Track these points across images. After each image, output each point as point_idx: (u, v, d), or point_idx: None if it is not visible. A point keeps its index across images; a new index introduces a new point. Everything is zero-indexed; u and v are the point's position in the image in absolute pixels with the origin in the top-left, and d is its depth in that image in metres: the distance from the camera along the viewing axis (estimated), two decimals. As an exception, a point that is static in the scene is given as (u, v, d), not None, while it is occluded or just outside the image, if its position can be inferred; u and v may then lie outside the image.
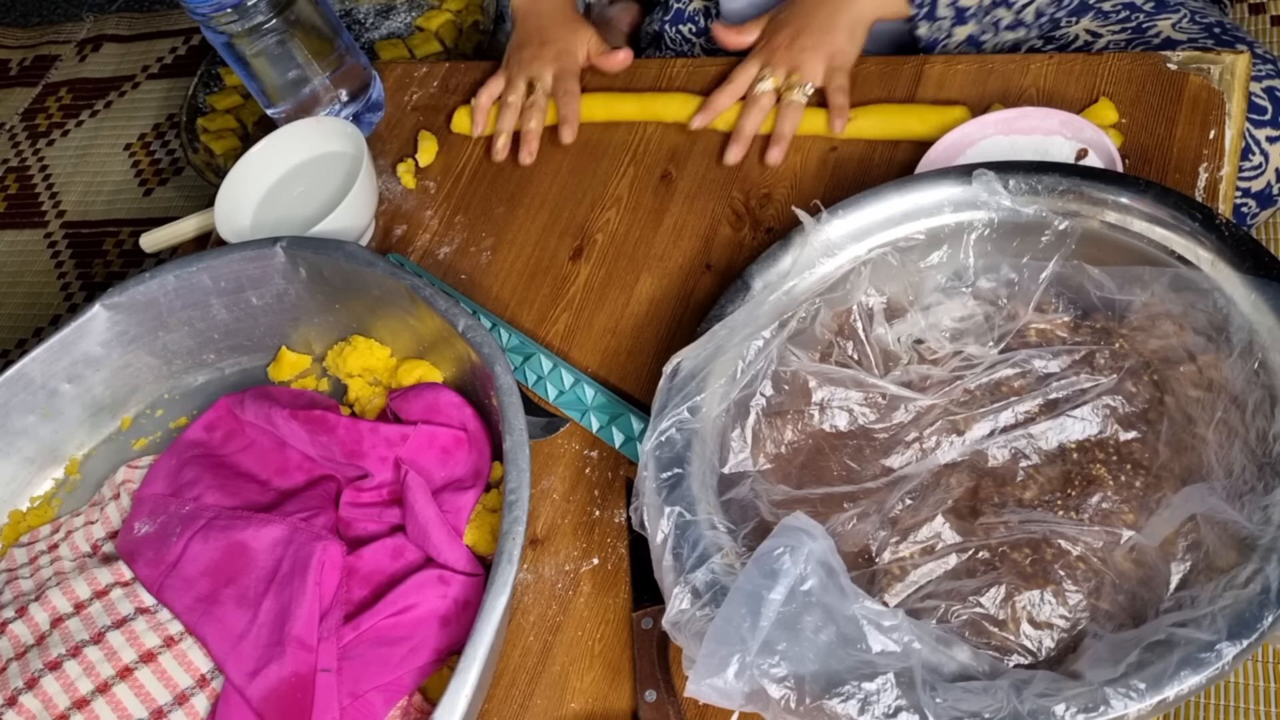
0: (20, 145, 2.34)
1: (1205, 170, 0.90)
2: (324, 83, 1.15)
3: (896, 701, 0.62)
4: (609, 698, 0.80)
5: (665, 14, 1.39)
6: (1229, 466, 0.69)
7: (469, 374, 0.89)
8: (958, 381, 0.79)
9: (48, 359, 0.97)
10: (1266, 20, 1.71)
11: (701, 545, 0.71)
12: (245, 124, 1.84)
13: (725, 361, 0.80)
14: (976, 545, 0.72)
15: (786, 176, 1.02)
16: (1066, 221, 0.79)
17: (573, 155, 1.11)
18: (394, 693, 0.78)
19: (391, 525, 0.87)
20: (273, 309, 1.00)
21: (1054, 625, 0.69)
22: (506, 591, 0.72)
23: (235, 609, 0.82)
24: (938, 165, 0.92)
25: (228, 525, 0.86)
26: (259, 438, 0.95)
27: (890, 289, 0.83)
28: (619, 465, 0.90)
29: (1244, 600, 0.62)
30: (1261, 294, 0.71)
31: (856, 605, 0.65)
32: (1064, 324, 0.79)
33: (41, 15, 2.61)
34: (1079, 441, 0.75)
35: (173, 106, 2.24)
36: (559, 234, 1.06)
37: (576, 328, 0.99)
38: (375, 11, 1.87)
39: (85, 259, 2.10)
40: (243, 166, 1.12)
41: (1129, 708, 0.60)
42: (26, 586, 0.90)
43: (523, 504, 0.76)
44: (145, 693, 0.80)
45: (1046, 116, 0.91)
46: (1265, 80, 1.02)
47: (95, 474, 1.00)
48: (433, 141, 1.17)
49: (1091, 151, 0.89)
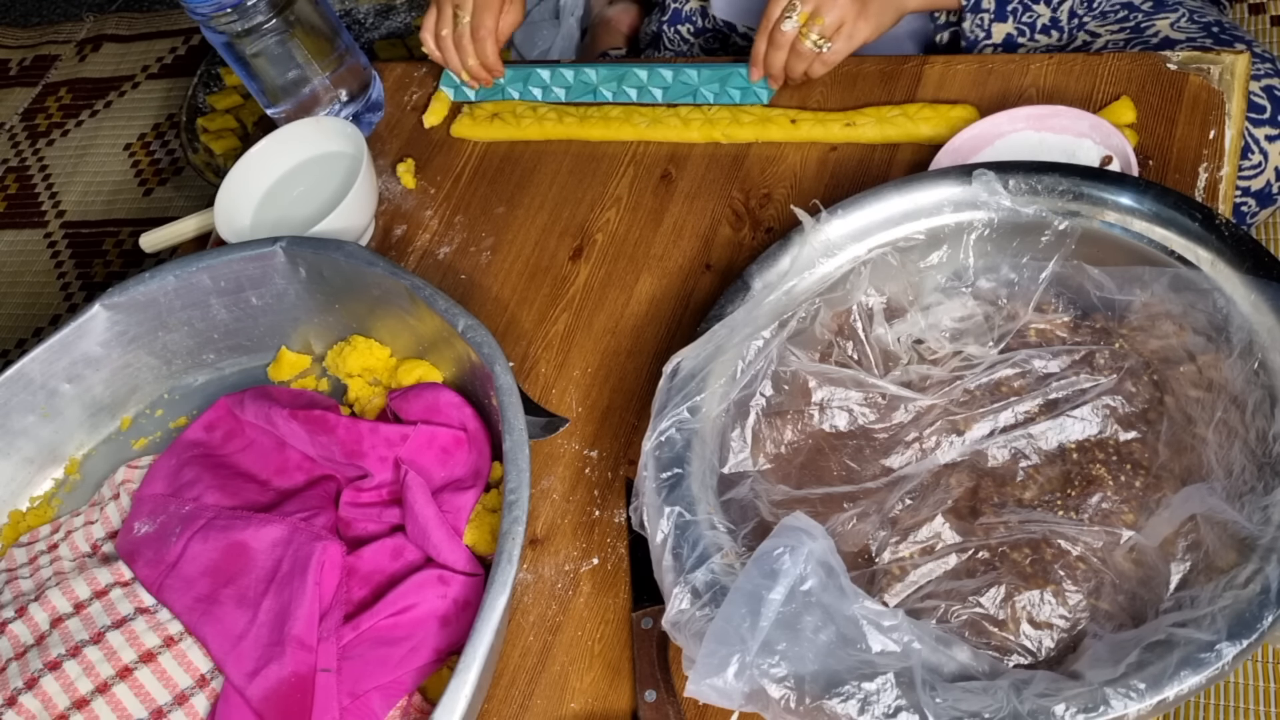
0: (20, 145, 2.34)
1: (1205, 170, 0.90)
2: (324, 83, 1.15)
3: (896, 701, 0.62)
4: (609, 698, 0.80)
5: (663, 15, 1.39)
6: (1229, 466, 0.69)
7: (469, 374, 0.89)
8: (958, 381, 0.79)
9: (48, 359, 0.97)
10: (1266, 20, 1.71)
11: (701, 545, 0.71)
12: (245, 124, 1.84)
13: (725, 361, 0.80)
14: (976, 545, 0.72)
15: (786, 177, 1.02)
16: (1066, 221, 0.79)
17: (572, 155, 1.11)
18: (394, 693, 0.78)
19: (391, 525, 0.87)
20: (273, 309, 1.00)
21: (1054, 625, 0.69)
22: (506, 591, 0.72)
23: (235, 609, 0.82)
24: (962, 155, 0.92)
25: (227, 525, 0.86)
26: (259, 438, 0.95)
27: (890, 289, 0.83)
28: (619, 465, 0.90)
29: (1244, 600, 0.62)
30: (1261, 294, 0.71)
31: (856, 605, 0.65)
32: (1064, 324, 0.79)
33: (41, 15, 2.61)
34: (1079, 441, 0.75)
35: (173, 106, 2.24)
36: (559, 234, 1.06)
37: (576, 328, 0.99)
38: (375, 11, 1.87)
39: (85, 259, 2.10)
40: (243, 166, 1.12)
41: (1129, 708, 0.60)
42: (26, 586, 0.90)
43: (523, 504, 0.76)
44: (145, 693, 0.80)
45: (1078, 118, 0.90)
46: (1264, 79, 1.02)
47: (95, 474, 1.00)
48: (444, 103, 1.18)
49: (1115, 159, 0.89)
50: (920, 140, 0.99)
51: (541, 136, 1.13)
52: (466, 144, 1.16)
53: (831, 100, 1.06)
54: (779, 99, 1.07)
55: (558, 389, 0.96)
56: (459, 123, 1.16)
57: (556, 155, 1.12)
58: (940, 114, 0.99)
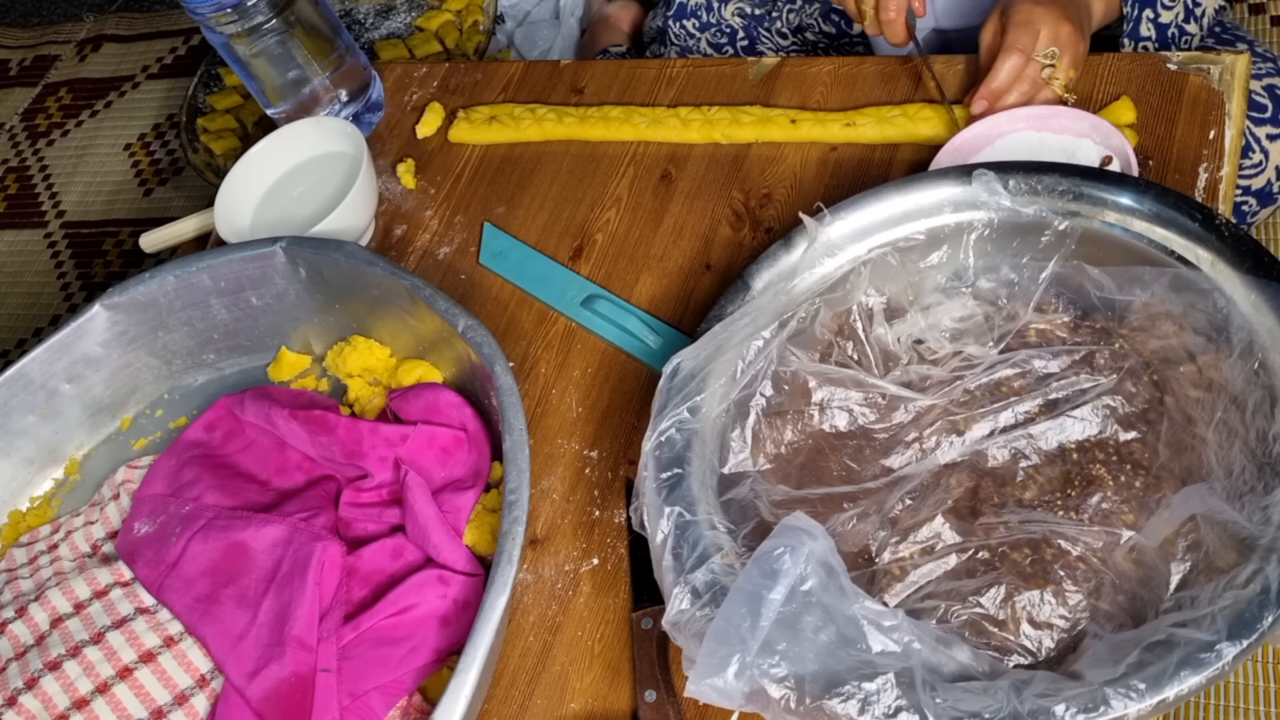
0: (20, 145, 2.34)
1: (1205, 170, 0.90)
2: (324, 83, 1.15)
3: (896, 701, 0.62)
4: (609, 698, 0.80)
5: (668, 10, 1.39)
6: (1229, 466, 0.69)
7: (469, 374, 0.89)
8: (958, 382, 0.78)
9: (48, 359, 0.97)
10: (1266, 20, 1.71)
11: (701, 545, 0.71)
12: (245, 124, 1.84)
13: (725, 361, 0.80)
14: (976, 545, 0.72)
15: (786, 177, 1.02)
16: (1066, 221, 0.79)
17: (573, 155, 1.11)
18: (394, 693, 0.78)
19: (391, 525, 0.87)
20: (273, 309, 1.00)
21: (1054, 625, 0.69)
22: (506, 591, 0.72)
23: (235, 609, 0.82)
24: (962, 156, 0.92)
25: (227, 525, 0.86)
26: (259, 438, 0.95)
27: (890, 289, 0.83)
28: (619, 465, 0.90)
29: (1244, 600, 0.62)
30: (1261, 294, 0.71)
31: (856, 605, 0.65)
32: (1064, 324, 0.79)
33: (41, 15, 2.60)
34: (1079, 442, 0.75)
35: (173, 106, 2.24)
36: (559, 234, 1.06)
37: (576, 328, 0.99)
38: (375, 11, 1.87)
39: (85, 259, 2.10)
40: (243, 166, 1.12)
41: (1129, 708, 0.60)
42: (26, 587, 0.90)
43: (523, 504, 0.76)
44: (145, 693, 0.80)
45: (1079, 119, 0.90)
46: (1266, 79, 1.02)
47: (95, 474, 1.00)
48: (438, 114, 1.17)
49: (1115, 159, 0.89)
50: (920, 140, 0.99)
51: (541, 137, 1.13)
52: (466, 145, 1.16)
53: (831, 100, 1.06)
54: (779, 99, 1.07)
55: (558, 389, 0.96)
56: (457, 127, 1.16)
57: (556, 155, 1.12)
58: (940, 114, 0.99)
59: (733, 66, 1.12)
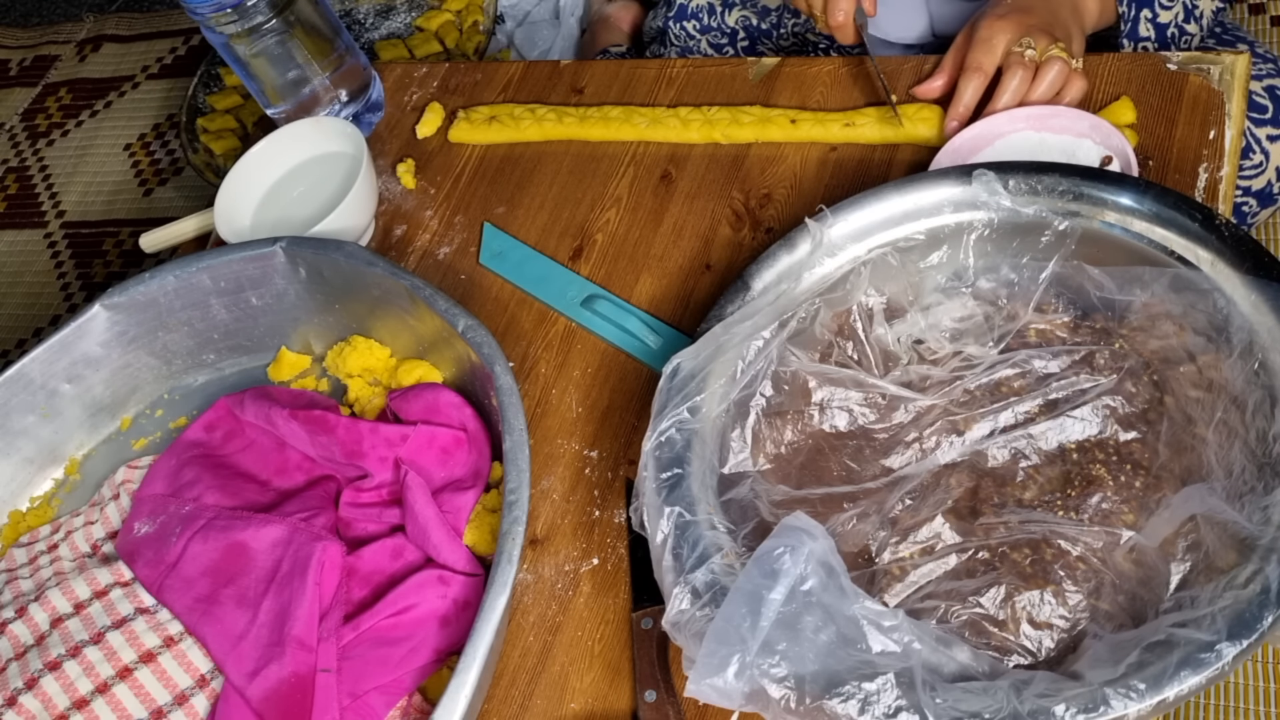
0: (20, 145, 2.34)
1: (1205, 170, 0.90)
2: (324, 83, 1.15)
3: (896, 702, 0.62)
4: (609, 698, 0.80)
5: (669, 10, 1.39)
6: (1229, 467, 0.69)
7: (469, 374, 0.89)
8: (958, 382, 0.79)
9: (47, 359, 0.97)
10: (1266, 20, 1.71)
11: (701, 545, 0.71)
12: (245, 124, 1.84)
13: (725, 362, 0.80)
14: (976, 545, 0.72)
15: (786, 177, 1.02)
16: (1066, 222, 0.79)
17: (573, 155, 1.11)
18: (394, 693, 0.78)
19: (391, 525, 0.87)
20: (273, 309, 1.00)
21: (1054, 625, 0.69)
22: (506, 592, 0.72)
23: (235, 609, 0.82)
24: (962, 156, 0.92)
25: (227, 525, 0.86)
26: (259, 438, 0.95)
27: (890, 289, 0.83)
28: (619, 465, 0.90)
29: (1244, 600, 0.62)
30: (1261, 294, 0.71)
31: (856, 605, 0.65)
32: (1064, 324, 0.79)
33: (41, 15, 2.60)
34: (1079, 442, 0.75)
35: (173, 106, 2.24)
36: (559, 234, 1.06)
37: (576, 328, 0.99)
38: (375, 11, 1.87)
39: (85, 259, 2.10)
40: (243, 166, 1.12)
41: (1129, 708, 0.60)
42: (26, 587, 0.90)
43: (523, 504, 0.76)
44: (145, 693, 0.80)
45: (1078, 119, 0.90)
46: (1266, 79, 1.02)
47: (95, 474, 1.00)
48: (438, 115, 1.17)
49: (1115, 159, 0.89)
50: (920, 140, 0.99)
51: (541, 137, 1.13)
52: (466, 145, 1.16)
53: (831, 100, 1.06)
54: (779, 99, 1.07)
55: (558, 389, 0.96)
56: (457, 127, 1.16)
57: (556, 155, 1.12)
58: (940, 114, 0.99)
59: (733, 67, 1.12)
